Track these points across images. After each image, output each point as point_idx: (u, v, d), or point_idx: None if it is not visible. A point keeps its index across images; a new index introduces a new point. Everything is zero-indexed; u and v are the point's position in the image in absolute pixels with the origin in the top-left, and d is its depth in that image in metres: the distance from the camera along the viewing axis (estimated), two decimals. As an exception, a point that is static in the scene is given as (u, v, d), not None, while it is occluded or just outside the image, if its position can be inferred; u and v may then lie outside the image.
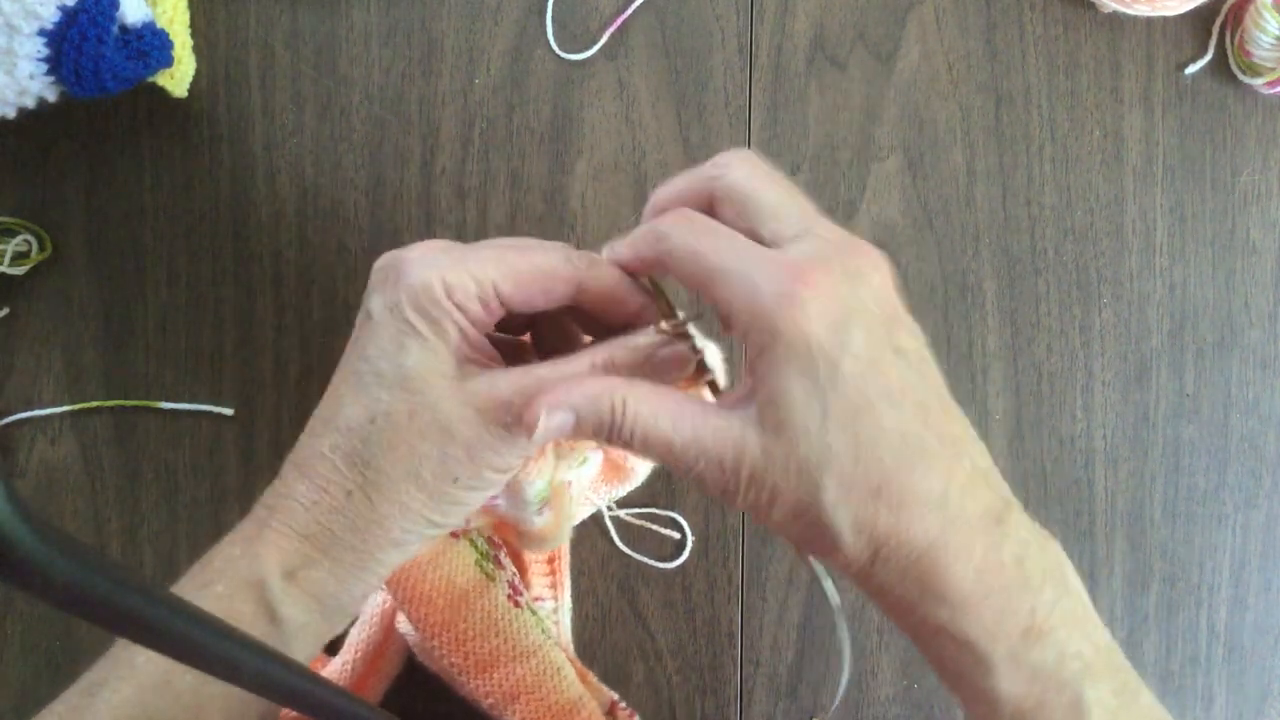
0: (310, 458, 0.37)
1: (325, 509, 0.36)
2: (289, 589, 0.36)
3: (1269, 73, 0.57)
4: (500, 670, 0.46)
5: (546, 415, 0.34)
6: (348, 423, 0.36)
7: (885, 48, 0.58)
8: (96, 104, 0.56)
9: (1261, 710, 0.58)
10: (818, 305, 0.32)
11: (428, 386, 0.35)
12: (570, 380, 0.35)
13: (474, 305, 0.36)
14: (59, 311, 0.57)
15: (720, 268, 0.33)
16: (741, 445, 0.33)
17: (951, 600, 0.32)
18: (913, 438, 0.32)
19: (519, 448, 0.36)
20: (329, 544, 0.36)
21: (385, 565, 0.37)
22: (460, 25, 0.58)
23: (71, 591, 0.20)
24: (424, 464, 0.36)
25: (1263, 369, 0.59)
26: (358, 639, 0.51)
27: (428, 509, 0.36)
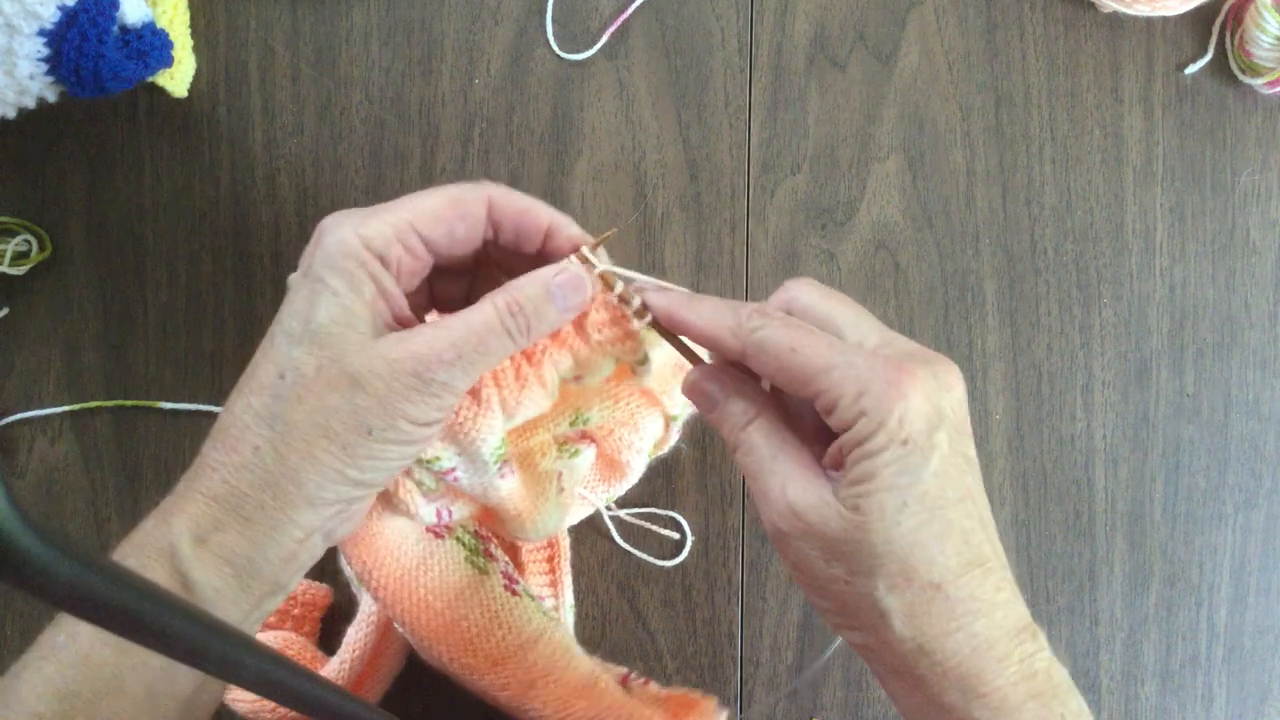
0: (223, 422, 0.37)
1: (233, 468, 0.36)
2: (199, 553, 0.35)
3: (1269, 73, 0.57)
4: (511, 661, 0.45)
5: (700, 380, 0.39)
6: (259, 382, 0.37)
7: (885, 48, 0.58)
8: (96, 104, 0.56)
9: (1261, 710, 0.58)
10: (919, 401, 0.34)
11: (336, 340, 0.36)
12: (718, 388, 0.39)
13: (394, 249, 0.37)
14: (59, 311, 0.57)
15: (823, 360, 0.35)
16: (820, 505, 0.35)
17: (992, 703, 0.34)
18: (975, 543, 0.35)
19: (435, 394, 0.36)
20: (238, 503, 0.36)
21: (299, 526, 0.36)
22: (460, 25, 0.58)
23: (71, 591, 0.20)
24: (333, 416, 0.35)
25: (1263, 369, 0.59)
26: (355, 639, 0.51)
27: (341, 462, 0.36)
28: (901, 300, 0.58)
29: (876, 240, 0.58)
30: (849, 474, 0.34)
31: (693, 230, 0.58)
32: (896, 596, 0.34)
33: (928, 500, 0.34)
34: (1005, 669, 0.34)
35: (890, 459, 0.34)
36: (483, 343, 0.37)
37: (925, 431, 0.34)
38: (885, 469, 0.34)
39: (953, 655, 0.34)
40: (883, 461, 0.34)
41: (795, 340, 0.36)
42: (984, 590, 0.34)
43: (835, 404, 0.35)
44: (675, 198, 0.58)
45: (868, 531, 0.34)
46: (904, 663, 0.35)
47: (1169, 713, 0.58)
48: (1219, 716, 0.58)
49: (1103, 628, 0.58)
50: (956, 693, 0.34)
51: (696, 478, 0.57)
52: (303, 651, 0.53)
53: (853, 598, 0.35)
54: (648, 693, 0.50)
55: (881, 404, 0.34)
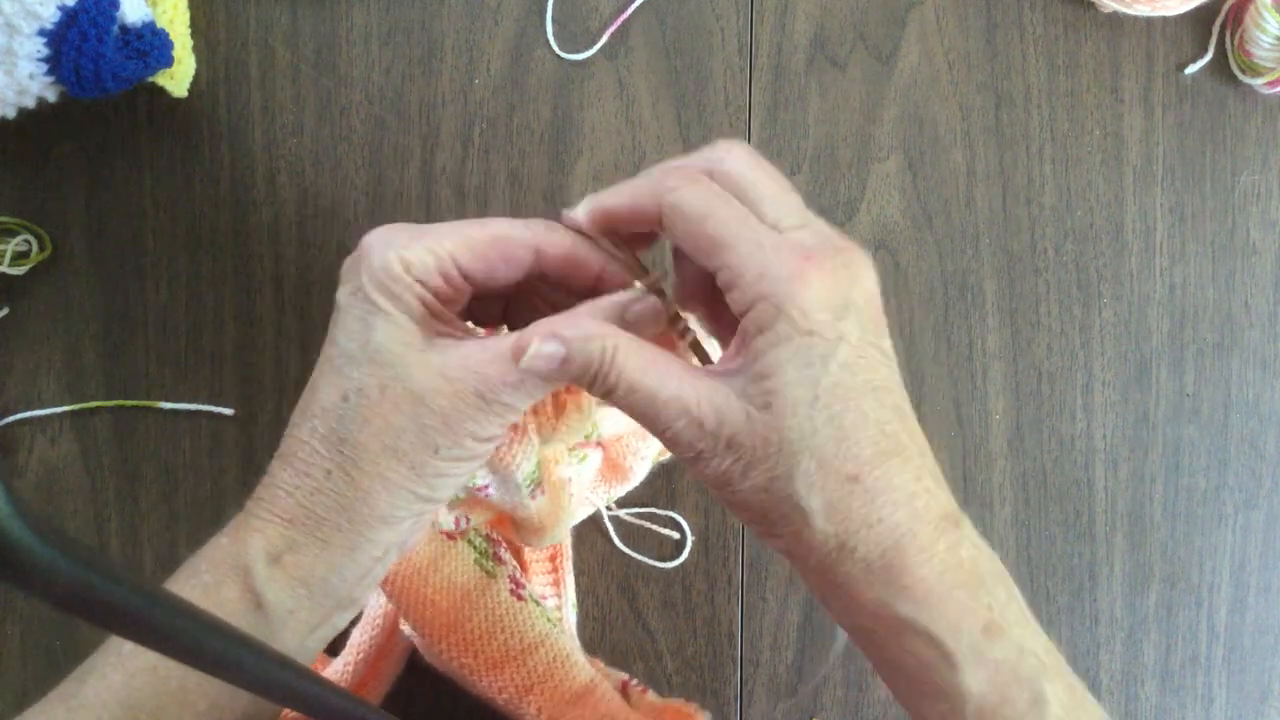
0: (290, 446, 0.37)
1: (307, 491, 0.36)
2: (274, 573, 0.36)
3: (1269, 73, 0.57)
4: (510, 665, 0.46)
5: (539, 342, 0.35)
6: (322, 406, 0.36)
7: (885, 48, 0.58)
8: (96, 104, 0.56)
9: (1261, 710, 0.58)
10: (824, 290, 0.33)
11: (396, 359, 0.36)
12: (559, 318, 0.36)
13: (434, 278, 0.36)
14: (59, 311, 0.57)
15: (732, 235, 0.34)
16: (726, 410, 0.33)
17: (916, 595, 0.33)
18: (890, 433, 0.33)
19: (497, 414, 0.36)
20: (314, 526, 0.36)
21: (377, 545, 0.37)
22: (460, 25, 0.58)
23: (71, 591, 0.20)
24: (401, 436, 0.35)
25: (1263, 369, 0.59)
26: (359, 641, 0.51)
27: (411, 482, 0.36)
28: (901, 300, 0.58)
29: (876, 240, 0.58)
30: (754, 368, 0.33)
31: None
32: (815, 493, 0.33)
33: (839, 392, 0.32)
34: (929, 559, 0.33)
35: (795, 350, 0.32)
36: None
37: (829, 321, 0.33)
38: (790, 362, 0.32)
39: (875, 547, 0.33)
40: (787, 354, 0.32)
41: (709, 206, 0.34)
42: (902, 479, 0.33)
43: (735, 282, 0.33)
44: (675, 198, 0.58)
45: (779, 429, 0.32)
46: (827, 562, 0.34)
47: (1169, 713, 0.58)
48: (1219, 716, 0.58)
49: (1103, 628, 0.58)
50: (880, 587, 0.33)
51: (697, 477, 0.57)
52: None
53: (772, 503, 0.33)
54: (645, 701, 0.50)
55: (781, 288, 0.32)
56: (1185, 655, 0.58)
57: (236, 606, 0.35)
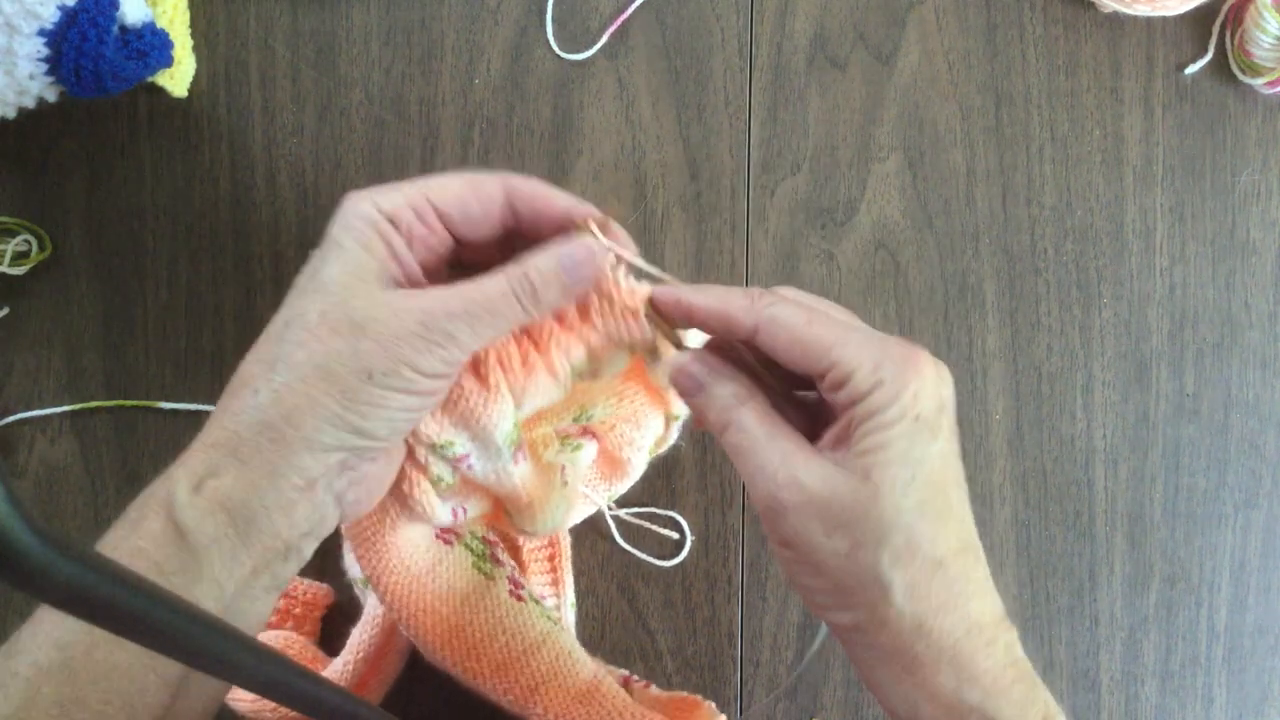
0: (233, 378, 0.37)
1: (233, 412, 0.36)
2: (195, 500, 0.35)
3: (1269, 73, 0.57)
4: (515, 667, 0.46)
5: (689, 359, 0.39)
6: (265, 334, 0.37)
7: (885, 48, 0.58)
8: (96, 104, 0.56)
9: (1261, 710, 0.58)
10: (930, 383, 0.35)
11: (340, 288, 0.36)
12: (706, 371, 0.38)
13: (406, 213, 0.38)
14: (59, 311, 0.57)
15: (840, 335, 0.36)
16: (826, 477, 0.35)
17: (984, 684, 0.34)
18: (968, 528, 0.36)
19: (439, 344, 0.36)
20: (235, 446, 0.36)
21: (300, 471, 0.36)
22: (460, 25, 0.58)
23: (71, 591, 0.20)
24: (334, 358, 0.35)
25: (1263, 369, 0.59)
26: (359, 640, 0.51)
27: (341, 406, 0.36)
28: (901, 300, 0.58)
29: (876, 240, 0.58)
30: (859, 445, 0.35)
31: (693, 230, 0.58)
32: (900, 570, 0.34)
33: (934, 478, 0.34)
34: (994, 652, 0.35)
35: (904, 431, 0.34)
36: (490, 303, 0.37)
37: (935, 411, 0.35)
38: (899, 440, 0.34)
39: (949, 634, 0.34)
40: (897, 433, 0.34)
41: (810, 315, 0.37)
42: (976, 574, 0.35)
43: (850, 375, 0.35)
44: (675, 198, 0.58)
45: (878, 500, 0.34)
46: (899, 641, 0.35)
47: (1169, 713, 0.58)
48: (1219, 716, 0.58)
49: (1103, 628, 0.58)
50: (950, 673, 0.34)
51: (696, 478, 0.57)
52: (303, 651, 0.53)
53: (852, 572, 0.35)
54: (648, 696, 0.50)
55: (899, 376, 0.34)
56: (1185, 655, 0.58)
57: (159, 537, 0.35)
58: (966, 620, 0.34)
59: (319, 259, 0.38)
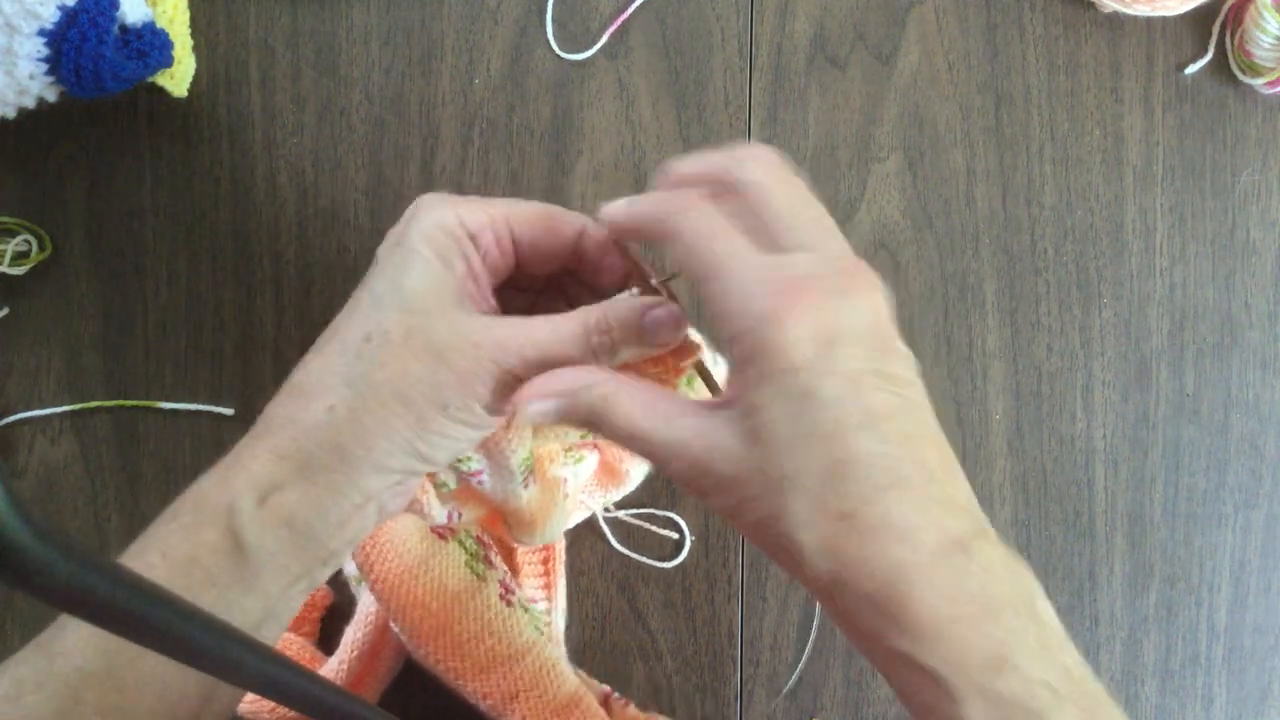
0: (297, 380, 0.37)
1: (304, 426, 0.35)
2: (258, 513, 0.35)
3: (1269, 73, 0.57)
4: (497, 671, 0.45)
5: (526, 406, 0.35)
6: (342, 341, 0.36)
7: (885, 48, 0.58)
8: (96, 104, 0.56)
9: (1261, 710, 0.58)
10: (806, 324, 0.32)
11: (426, 308, 0.35)
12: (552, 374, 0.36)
13: (486, 235, 0.37)
14: (59, 311, 0.57)
15: (720, 266, 0.33)
16: (716, 449, 0.33)
17: (914, 630, 0.31)
18: (887, 465, 0.32)
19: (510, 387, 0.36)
20: (304, 463, 0.35)
21: (361, 492, 0.36)
22: (460, 25, 0.58)
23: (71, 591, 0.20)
24: (414, 385, 0.35)
25: (1263, 369, 0.59)
26: (353, 639, 0.51)
27: (414, 433, 0.35)
28: (901, 300, 0.58)
29: (876, 240, 0.58)
30: (741, 402, 0.32)
31: (693, 230, 0.58)
32: (807, 531, 0.32)
33: (828, 426, 0.31)
34: (929, 592, 0.31)
35: (780, 387, 0.31)
36: (564, 350, 0.36)
37: (815, 353, 0.31)
38: (777, 397, 0.32)
39: (870, 582, 0.31)
40: (773, 389, 0.32)
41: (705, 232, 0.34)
42: (901, 511, 0.31)
43: (722, 316, 0.33)
44: (675, 198, 0.58)
45: (767, 467, 0.32)
46: (827, 596, 0.33)
47: (1169, 713, 0.58)
48: (1219, 716, 0.58)
49: (1103, 628, 0.58)
50: (878, 621, 0.32)
51: (696, 478, 0.57)
52: (301, 651, 0.53)
53: (767, 540, 0.33)
54: (626, 715, 0.50)
55: (763, 323, 0.32)
56: (1185, 655, 0.58)
57: (215, 548, 0.34)
58: (889, 566, 0.31)
59: (397, 266, 0.36)
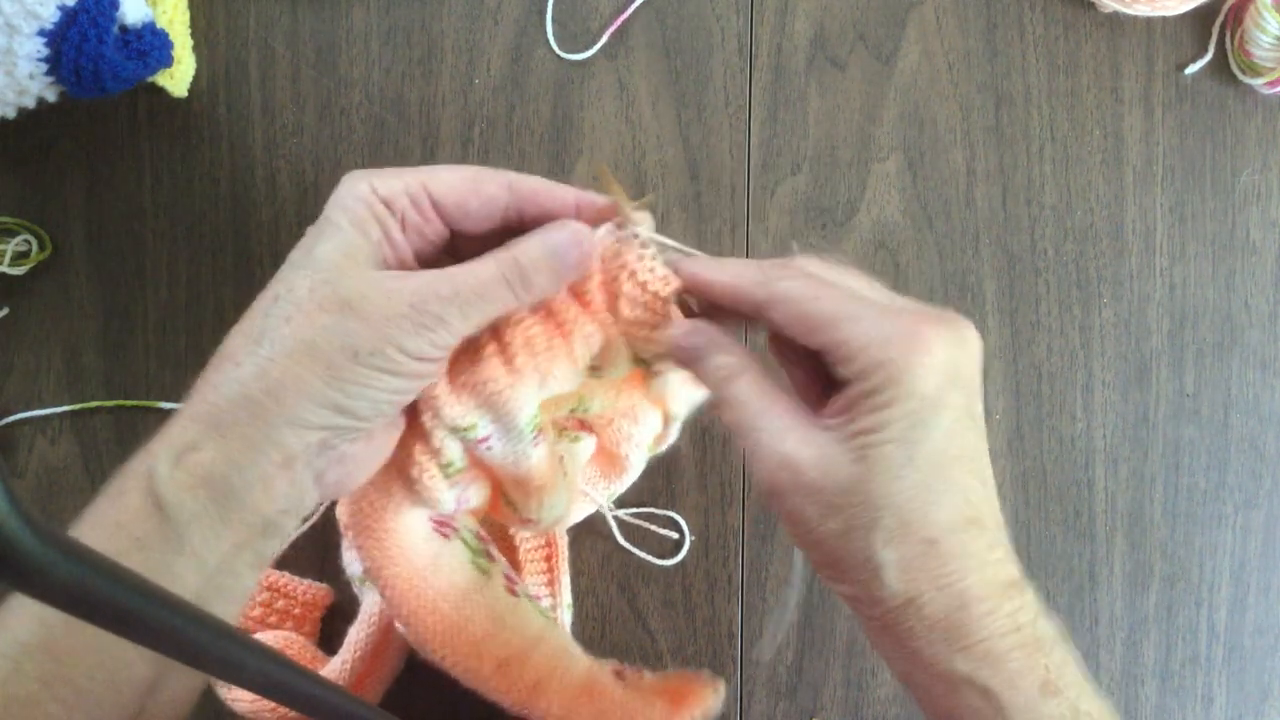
0: (221, 347, 0.37)
1: (214, 384, 0.36)
2: (174, 474, 0.35)
3: (1269, 73, 0.57)
4: (515, 664, 0.45)
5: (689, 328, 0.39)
6: (253, 308, 0.37)
7: (885, 48, 0.58)
8: (96, 104, 0.56)
9: (1261, 710, 0.58)
10: (938, 356, 0.34)
11: (332, 265, 0.36)
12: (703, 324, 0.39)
13: (401, 200, 0.38)
14: (59, 311, 0.57)
15: (843, 311, 0.35)
16: (825, 461, 0.35)
17: (976, 654, 0.34)
18: (973, 502, 0.35)
19: (428, 327, 0.36)
20: (216, 420, 0.35)
21: (279, 447, 0.36)
22: (460, 25, 0.58)
23: (71, 591, 0.20)
24: (320, 335, 0.35)
25: (1263, 369, 0.59)
26: (356, 638, 0.51)
27: (325, 383, 0.35)
28: (901, 300, 0.58)
29: (876, 240, 0.58)
30: (856, 424, 0.34)
31: (693, 230, 0.58)
32: (892, 550, 0.34)
33: (934, 457, 0.34)
34: (991, 623, 0.34)
35: (904, 412, 0.34)
36: (481, 286, 0.37)
37: (940, 387, 0.34)
38: (898, 421, 0.34)
39: (940, 608, 0.34)
40: (896, 414, 0.34)
41: (818, 289, 0.36)
42: (977, 547, 0.34)
43: (855, 353, 0.35)
44: (675, 198, 0.58)
45: (870, 482, 0.34)
46: (892, 616, 0.35)
47: (1169, 713, 0.58)
48: (1219, 716, 0.58)
49: (1103, 628, 0.58)
50: (941, 645, 0.34)
51: (696, 478, 0.57)
52: (303, 651, 0.53)
53: (847, 552, 0.35)
54: (644, 683, 0.49)
55: (903, 355, 0.34)
56: (1185, 655, 0.58)
57: (139, 512, 0.35)
58: (962, 594, 0.34)
59: (313, 236, 0.38)
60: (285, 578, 0.55)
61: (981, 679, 0.34)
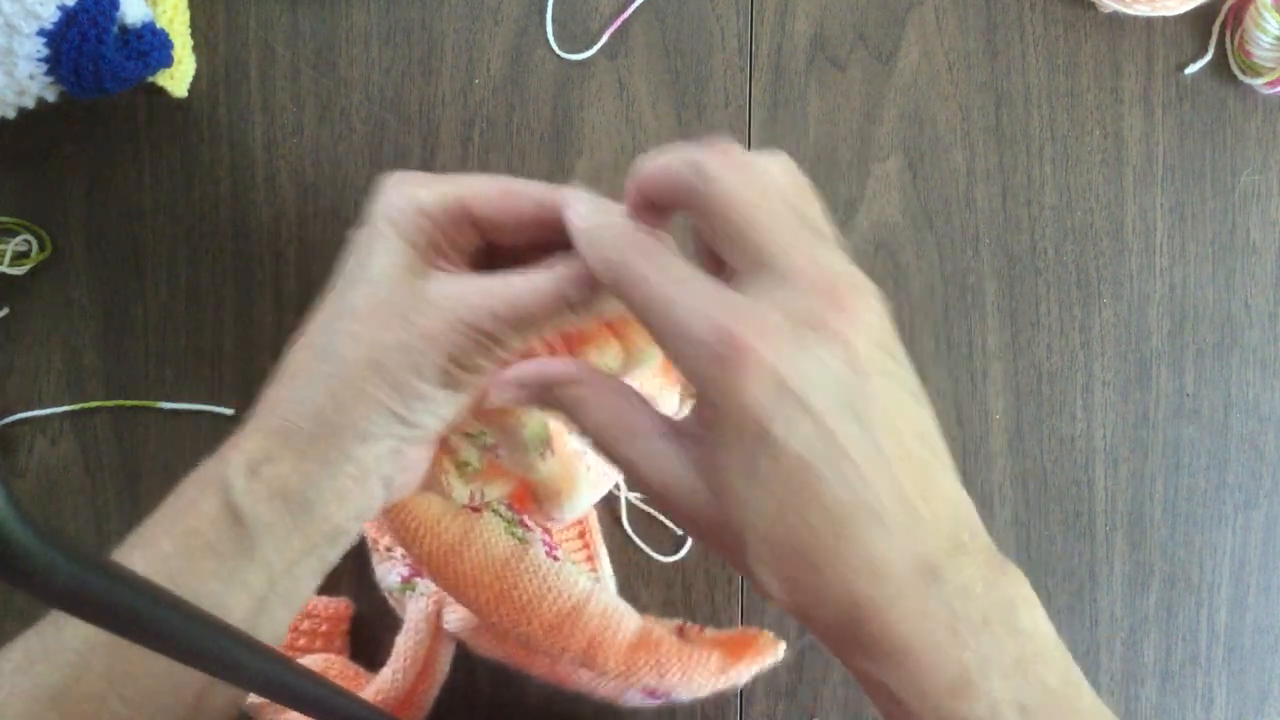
0: (284, 364, 0.38)
1: (288, 403, 0.37)
2: (251, 485, 0.36)
3: (1269, 73, 0.57)
4: (567, 625, 0.45)
5: (497, 390, 0.37)
6: (316, 323, 0.38)
7: (885, 48, 0.58)
8: (96, 104, 0.56)
9: (1261, 710, 0.58)
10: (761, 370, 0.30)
11: (389, 280, 0.37)
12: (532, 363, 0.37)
13: (441, 214, 0.38)
14: (59, 311, 0.57)
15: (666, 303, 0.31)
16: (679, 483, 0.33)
17: (877, 657, 0.31)
18: (852, 503, 0.30)
19: (481, 343, 0.36)
20: (291, 436, 0.36)
21: (354, 462, 0.37)
22: (460, 25, 0.58)
23: (71, 591, 0.20)
24: (385, 353, 0.36)
25: (1263, 369, 0.59)
26: (405, 646, 0.51)
27: (391, 400, 0.36)
28: (901, 300, 0.58)
29: (876, 240, 0.58)
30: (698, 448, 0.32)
31: (693, 230, 0.58)
32: (765, 570, 0.31)
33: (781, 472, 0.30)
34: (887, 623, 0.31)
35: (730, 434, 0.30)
36: (540, 306, 0.36)
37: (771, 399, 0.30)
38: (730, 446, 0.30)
39: (831, 615, 0.31)
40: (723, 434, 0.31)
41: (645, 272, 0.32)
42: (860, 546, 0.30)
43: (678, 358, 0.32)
44: (675, 198, 0.58)
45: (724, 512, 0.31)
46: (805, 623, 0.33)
47: (1169, 713, 0.58)
48: (1219, 716, 0.58)
49: (1103, 628, 0.58)
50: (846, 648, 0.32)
51: (696, 478, 0.57)
52: (344, 670, 0.53)
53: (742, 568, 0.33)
54: (704, 638, 0.49)
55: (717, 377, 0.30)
56: (1185, 655, 0.58)
57: (215, 519, 0.35)
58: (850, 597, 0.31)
59: (365, 249, 0.38)
60: None
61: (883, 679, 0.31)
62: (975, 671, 0.30)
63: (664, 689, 0.46)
